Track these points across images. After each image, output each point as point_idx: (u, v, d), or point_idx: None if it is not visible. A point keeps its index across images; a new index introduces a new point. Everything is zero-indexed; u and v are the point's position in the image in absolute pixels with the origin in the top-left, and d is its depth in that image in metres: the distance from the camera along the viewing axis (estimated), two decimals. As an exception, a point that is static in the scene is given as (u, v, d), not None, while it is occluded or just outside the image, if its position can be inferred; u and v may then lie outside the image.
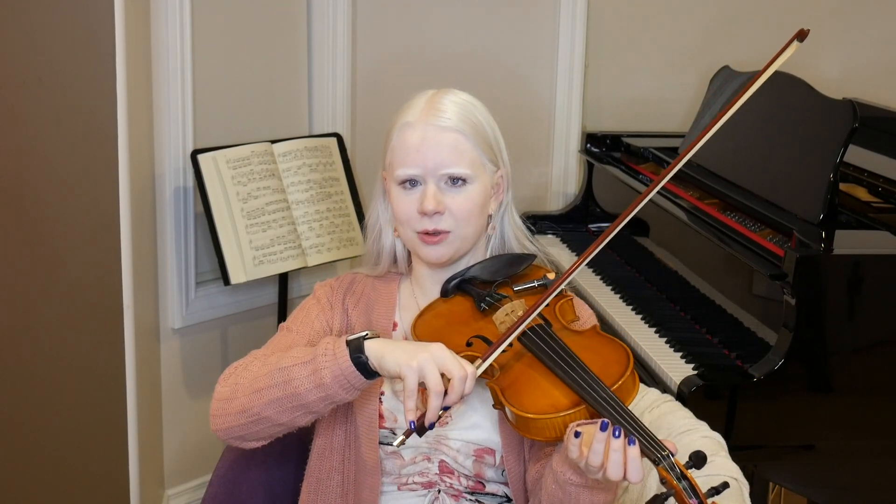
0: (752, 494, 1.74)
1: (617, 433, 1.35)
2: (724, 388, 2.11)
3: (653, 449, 1.36)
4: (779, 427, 2.15)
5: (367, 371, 1.50)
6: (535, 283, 1.69)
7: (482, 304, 1.66)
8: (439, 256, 1.65)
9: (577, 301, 1.71)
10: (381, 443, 1.65)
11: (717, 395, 2.11)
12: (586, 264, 1.77)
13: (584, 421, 1.43)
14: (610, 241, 1.57)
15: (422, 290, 1.74)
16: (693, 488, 1.34)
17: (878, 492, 2.31)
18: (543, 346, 1.54)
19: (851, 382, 2.16)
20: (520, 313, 1.60)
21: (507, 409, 1.49)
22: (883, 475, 2.27)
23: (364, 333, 1.52)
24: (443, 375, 1.46)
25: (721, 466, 1.73)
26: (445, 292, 1.70)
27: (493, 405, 1.55)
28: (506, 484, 1.66)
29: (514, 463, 1.62)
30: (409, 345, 1.50)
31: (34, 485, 2.29)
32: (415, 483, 1.65)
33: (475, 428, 1.63)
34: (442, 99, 1.65)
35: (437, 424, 1.47)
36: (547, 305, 1.60)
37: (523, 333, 1.56)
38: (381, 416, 1.64)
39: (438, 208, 1.61)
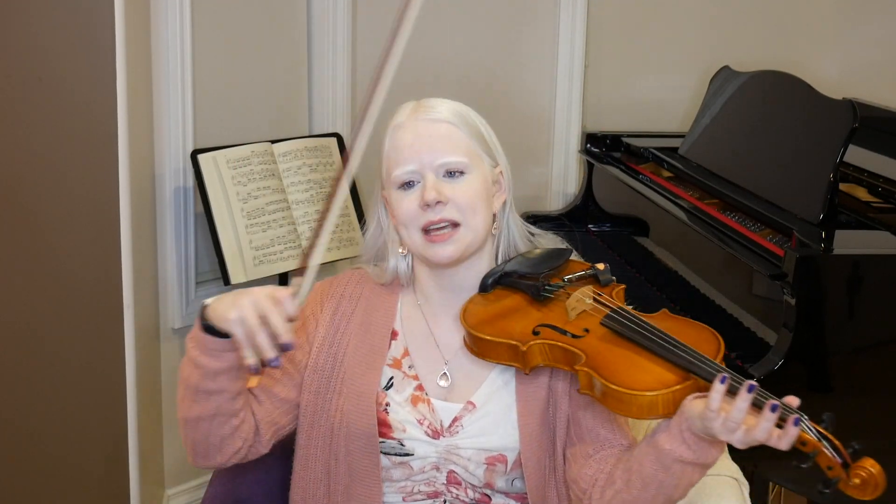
0: (752, 494, 1.74)
1: (751, 389, 1.36)
2: (724, 388, 2.11)
3: (790, 411, 1.35)
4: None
5: (217, 332, 1.50)
6: (586, 273, 1.67)
7: (542, 294, 1.62)
8: (449, 255, 1.62)
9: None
10: (388, 453, 1.62)
11: (717, 395, 2.11)
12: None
13: (699, 394, 1.41)
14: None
15: (425, 296, 1.72)
16: (836, 447, 1.32)
17: (878, 492, 2.30)
18: (633, 325, 1.52)
19: (851, 382, 2.16)
20: (589, 300, 1.59)
21: (608, 388, 1.43)
22: (883, 475, 2.27)
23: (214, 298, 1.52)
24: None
25: (721, 466, 1.73)
26: (485, 287, 1.67)
27: (578, 390, 1.51)
28: (510, 495, 1.63)
29: (534, 469, 1.59)
30: (229, 297, 1.48)
31: (34, 485, 2.29)
32: (420, 492, 1.63)
33: (488, 434, 1.60)
34: (429, 99, 1.69)
35: (280, 359, 1.45)
36: (602, 294, 1.61)
37: (607, 316, 1.54)
38: (389, 426, 1.62)
39: (440, 197, 1.59)
